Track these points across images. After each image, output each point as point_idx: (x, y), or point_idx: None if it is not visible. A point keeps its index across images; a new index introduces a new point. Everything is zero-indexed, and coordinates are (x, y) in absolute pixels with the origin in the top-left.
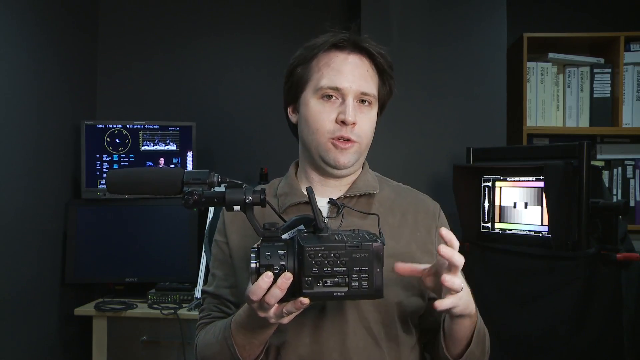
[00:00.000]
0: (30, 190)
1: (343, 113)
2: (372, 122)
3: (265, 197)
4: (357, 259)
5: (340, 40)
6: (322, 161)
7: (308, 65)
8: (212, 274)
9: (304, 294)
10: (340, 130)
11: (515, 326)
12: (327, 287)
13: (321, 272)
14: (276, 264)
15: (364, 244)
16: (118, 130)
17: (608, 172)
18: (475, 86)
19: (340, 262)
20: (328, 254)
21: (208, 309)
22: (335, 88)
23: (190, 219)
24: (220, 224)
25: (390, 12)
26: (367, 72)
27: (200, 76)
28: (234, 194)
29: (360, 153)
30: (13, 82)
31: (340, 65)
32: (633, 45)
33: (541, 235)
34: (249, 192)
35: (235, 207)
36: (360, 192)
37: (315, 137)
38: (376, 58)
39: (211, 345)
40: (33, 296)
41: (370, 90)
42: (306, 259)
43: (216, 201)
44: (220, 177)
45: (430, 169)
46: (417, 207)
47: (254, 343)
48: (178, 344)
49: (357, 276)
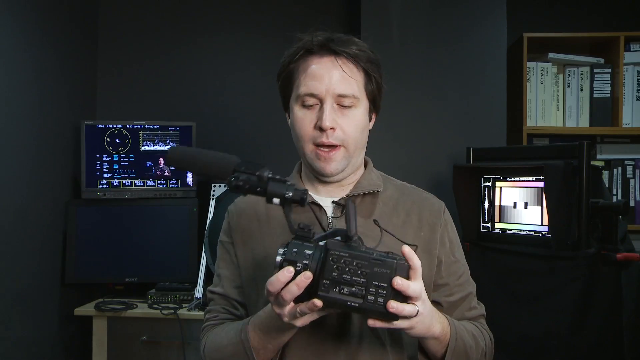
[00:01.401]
0: (30, 190)
1: (320, 119)
2: (357, 122)
3: (306, 198)
4: (378, 273)
5: (310, 45)
6: (312, 169)
7: (289, 73)
8: (218, 274)
9: (318, 295)
10: (320, 136)
11: (515, 326)
12: (342, 294)
13: (340, 278)
14: (300, 262)
15: (388, 260)
16: (118, 130)
17: (608, 172)
18: (475, 86)
19: (361, 273)
20: (350, 262)
21: (215, 310)
22: (312, 94)
23: (190, 219)
24: (226, 225)
25: (390, 12)
26: (344, 72)
27: (200, 76)
28: (277, 187)
29: (349, 156)
30: (13, 82)
31: (315, 70)
32: (633, 45)
33: (541, 235)
34: (290, 189)
35: (275, 200)
36: (364, 190)
37: (300, 144)
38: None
39: (223, 347)
40: (33, 296)
41: (349, 90)
42: (328, 262)
43: (258, 190)
44: (271, 173)
45: (430, 169)
46: (422, 205)
47: (268, 348)
48: (178, 344)
49: (375, 291)
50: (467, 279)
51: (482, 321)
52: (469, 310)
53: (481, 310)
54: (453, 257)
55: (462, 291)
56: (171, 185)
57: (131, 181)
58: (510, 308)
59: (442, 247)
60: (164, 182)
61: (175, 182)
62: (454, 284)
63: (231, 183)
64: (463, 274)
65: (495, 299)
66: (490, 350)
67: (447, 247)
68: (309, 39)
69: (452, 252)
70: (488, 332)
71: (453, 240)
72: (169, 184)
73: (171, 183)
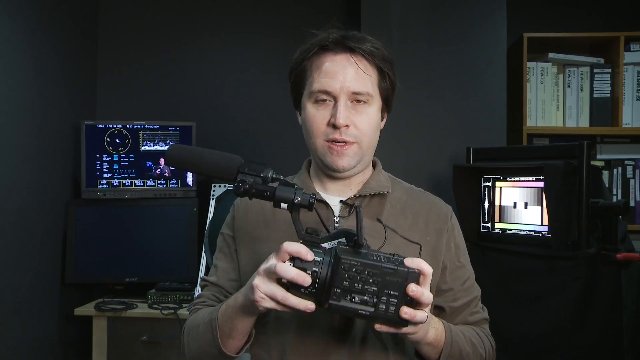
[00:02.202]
0: (30, 190)
1: (334, 116)
2: (372, 119)
3: (314, 202)
4: (390, 282)
5: (325, 42)
6: (323, 164)
7: (302, 70)
8: (215, 265)
9: (330, 304)
10: (333, 132)
11: (515, 326)
12: (354, 303)
13: (351, 287)
14: (310, 269)
15: (400, 269)
16: (118, 130)
17: (608, 172)
18: (475, 86)
19: (372, 281)
20: (362, 270)
21: (205, 296)
22: (326, 91)
23: (190, 219)
24: (230, 219)
25: (390, 12)
26: (358, 70)
27: (200, 76)
28: (285, 192)
29: (362, 154)
30: (13, 82)
31: (329, 67)
32: (633, 45)
33: (541, 235)
34: (299, 194)
35: (282, 204)
36: (372, 191)
37: (313, 140)
38: (366, 54)
39: (197, 326)
40: (33, 296)
41: (363, 88)
42: (340, 271)
43: (266, 195)
44: (275, 174)
45: (430, 169)
46: (429, 209)
47: (236, 329)
48: (178, 344)
49: (386, 299)
50: (472, 284)
51: (485, 326)
52: (472, 314)
53: (484, 315)
54: (458, 262)
55: (466, 296)
56: (171, 185)
57: (131, 181)
58: (510, 308)
59: (447, 252)
60: (164, 182)
61: (175, 182)
62: (459, 289)
63: (239, 189)
64: (468, 279)
65: (496, 299)
66: (492, 357)
67: (452, 252)
68: (323, 35)
69: (458, 258)
70: (490, 339)
71: (459, 246)
72: (169, 184)
73: (171, 183)
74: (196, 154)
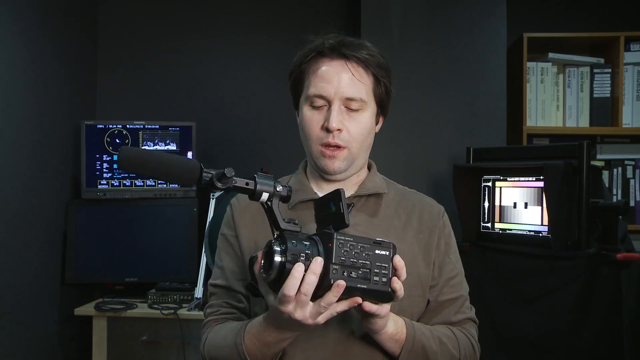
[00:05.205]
0: (30, 190)
1: (327, 120)
2: (363, 125)
3: (291, 194)
4: (380, 256)
5: (321, 47)
6: (317, 167)
7: (300, 73)
8: (220, 267)
9: (331, 281)
10: (327, 137)
11: (515, 326)
12: (351, 278)
13: (347, 262)
14: (302, 252)
15: (387, 242)
16: (118, 130)
17: (608, 172)
18: (475, 86)
19: (365, 255)
20: (355, 245)
21: (217, 305)
22: (321, 96)
23: (190, 219)
24: (228, 218)
25: (390, 12)
26: (353, 76)
27: (200, 76)
28: (265, 183)
29: (353, 158)
30: (13, 82)
31: (325, 72)
32: (633, 45)
33: (541, 235)
34: (277, 184)
35: (264, 194)
36: (369, 191)
37: (308, 143)
38: (360, 61)
39: (220, 348)
40: (33, 296)
41: (357, 94)
42: (336, 247)
43: (247, 185)
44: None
45: (430, 169)
46: (422, 208)
47: (267, 354)
48: (178, 344)
49: (378, 271)
50: (460, 281)
51: (468, 326)
52: (456, 313)
53: (469, 314)
54: (447, 258)
55: (452, 293)
56: (171, 185)
57: (131, 181)
58: (510, 308)
59: (437, 249)
60: (164, 182)
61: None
62: (444, 284)
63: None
64: (456, 276)
65: (496, 299)
66: (471, 357)
67: (442, 249)
68: (320, 41)
69: (447, 254)
70: (471, 340)
71: (449, 243)
72: (169, 184)
73: (171, 183)
74: (154, 157)
